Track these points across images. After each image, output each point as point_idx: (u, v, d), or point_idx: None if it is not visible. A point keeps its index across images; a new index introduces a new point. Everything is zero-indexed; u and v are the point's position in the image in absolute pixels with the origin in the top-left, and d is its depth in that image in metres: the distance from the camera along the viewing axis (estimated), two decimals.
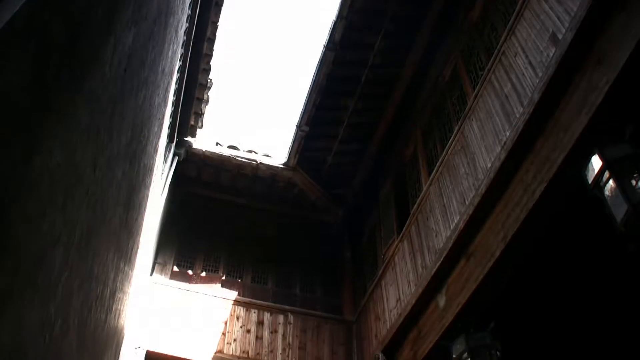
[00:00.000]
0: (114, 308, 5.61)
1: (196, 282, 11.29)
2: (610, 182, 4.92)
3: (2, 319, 2.35)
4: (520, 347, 8.12)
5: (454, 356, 7.24)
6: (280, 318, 11.12)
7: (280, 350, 10.67)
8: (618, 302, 8.19)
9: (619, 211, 4.76)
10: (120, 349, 7.11)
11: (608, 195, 4.93)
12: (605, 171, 4.97)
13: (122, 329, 6.99)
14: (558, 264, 7.68)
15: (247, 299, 11.22)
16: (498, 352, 7.02)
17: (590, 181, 5.14)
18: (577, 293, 8.07)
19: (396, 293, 9.57)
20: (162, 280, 10.95)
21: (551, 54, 6.03)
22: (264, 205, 12.76)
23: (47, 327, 3.14)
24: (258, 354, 10.51)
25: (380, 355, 9.36)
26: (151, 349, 9.59)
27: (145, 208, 7.07)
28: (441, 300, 8.03)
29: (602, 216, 5.00)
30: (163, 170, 9.83)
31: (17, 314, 2.55)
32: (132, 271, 6.68)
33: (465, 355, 7.05)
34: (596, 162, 5.08)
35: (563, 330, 8.65)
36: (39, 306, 2.90)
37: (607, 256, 7.32)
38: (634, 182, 4.78)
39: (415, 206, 9.52)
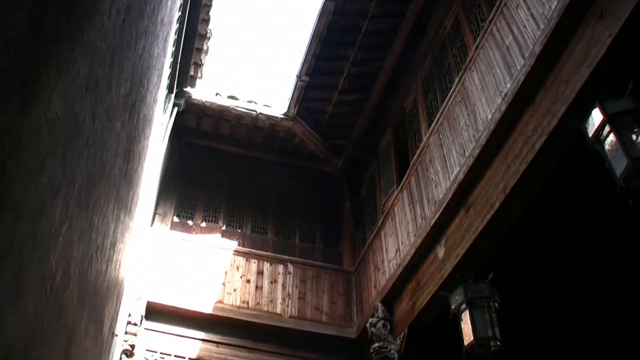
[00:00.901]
0: (114, 259, 5.63)
1: (196, 233, 11.34)
2: (611, 136, 4.91)
3: (3, 272, 2.36)
4: (518, 298, 8.19)
5: (453, 307, 7.29)
6: (280, 268, 11.19)
7: (280, 300, 10.75)
8: (616, 256, 8.24)
9: (619, 166, 4.76)
10: (121, 300, 7.15)
11: (608, 150, 4.92)
12: (605, 125, 4.96)
13: (123, 279, 7.02)
14: (557, 216, 7.71)
15: (246, 249, 11.28)
16: (496, 304, 7.06)
17: (590, 135, 5.13)
18: (576, 246, 8.11)
19: (395, 244, 9.62)
20: (162, 231, 10.99)
21: (553, 6, 5.97)
22: (264, 155, 12.74)
23: (48, 278, 3.15)
24: (258, 304, 10.59)
25: (379, 306, 9.43)
26: (152, 300, 9.65)
27: (145, 159, 7.06)
28: (440, 251, 8.07)
29: (602, 170, 5.00)
30: (162, 121, 9.80)
31: (18, 266, 2.55)
32: (132, 222, 6.69)
33: (463, 306, 7.10)
34: (597, 116, 5.06)
35: (561, 281, 8.71)
36: (39, 258, 2.90)
37: (605, 210, 7.35)
38: (634, 137, 4.77)
39: (415, 157, 9.51)
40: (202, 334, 10.07)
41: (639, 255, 8.06)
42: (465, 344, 6.96)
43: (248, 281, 10.81)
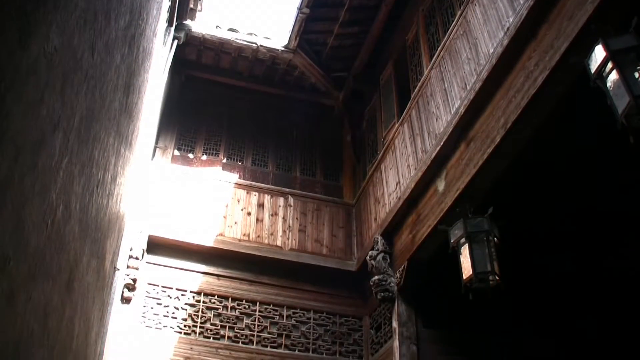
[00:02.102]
0: (115, 193, 5.64)
1: (197, 166, 11.35)
2: (613, 73, 4.88)
3: (3, 207, 2.37)
4: (518, 233, 8.23)
5: (452, 241, 7.35)
6: (281, 201, 11.24)
7: (280, 233, 10.82)
8: (616, 191, 8.26)
9: (621, 103, 4.74)
10: (122, 234, 7.19)
11: (610, 87, 4.90)
12: (608, 62, 4.93)
13: (124, 214, 7.04)
14: (558, 152, 7.71)
15: (247, 182, 11.31)
16: (496, 238, 7.12)
17: (592, 71, 5.10)
18: (576, 182, 8.13)
19: (396, 177, 9.64)
20: (163, 164, 11.00)
21: None
22: (265, 88, 12.66)
23: (49, 213, 3.15)
24: (259, 236, 10.67)
25: (379, 239, 9.50)
26: (153, 234, 9.71)
27: (145, 92, 7.02)
28: (440, 185, 8.10)
29: (604, 107, 4.99)
30: (162, 54, 9.70)
31: (18, 201, 2.56)
32: (132, 156, 6.68)
33: (463, 240, 7.16)
34: (599, 53, 5.03)
35: (560, 217, 8.76)
36: (40, 193, 2.91)
37: (606, 148, 7.34)
38: (637, 74, 4.74)
39: (416, 90, 9.47)
40: (203, 267, 10.18)
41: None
42: (464, 277, 7.04)
43: (249, 214, 10.87)
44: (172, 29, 10.64)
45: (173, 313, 9.72)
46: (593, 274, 9.57)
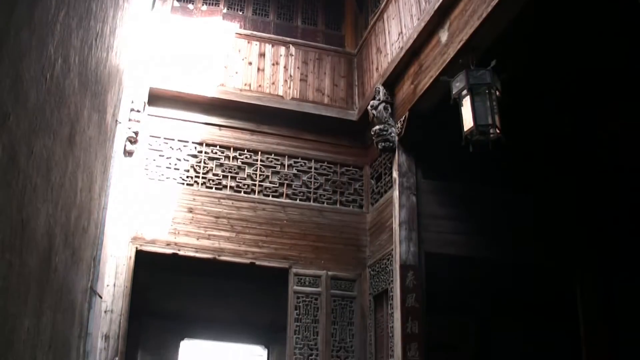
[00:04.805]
0: (115, 46, 5.57)
1: (197, 16, 11.14)
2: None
3: (0, 61, 2.35)
4: (518, 87, 8.18)
5: (454, 92, 7.31)
6: (282, 50, 11.12)
7: (281, 82, 10.78)
8: (620, 51, 8.17)
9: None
10: (123, 87, 7.16)
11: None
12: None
13: (124, 67, 6.99)
14: (562, 10, 7.58)
15: (248, 32, 11.14)
16: (497, 92, 7.07)
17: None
18: (580, 41, 8.05)
19: (398, 26, 9.49)
20: (163, 15, 10.77)
21: None
22: None
23: (47, 67, 3.14)
24: (260, 86, 10.62)
25: (381, 89, 9.46)
26: (154, 86, 9.66)
27: None
28: (443, 36, 8.00)
29: None
30: None
31: (15, 55, 2.54)
32: (131, 7, 6.58)
33: (465, 92, 7.12)
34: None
35: (562, 73, 8.70)
36: (37, 46, 2.88)
37: (612, 6, 7.23)
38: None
39: None
40: (204, 118, 10.22)
41: None
42: (465, 129, 7.04)
43: (250, 64, 10.78)
44: None
45: (175, 164, 9.84)
46: (590, 137, 9.66)
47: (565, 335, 10.39)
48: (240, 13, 11.51)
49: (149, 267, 10.09)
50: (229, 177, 10.05)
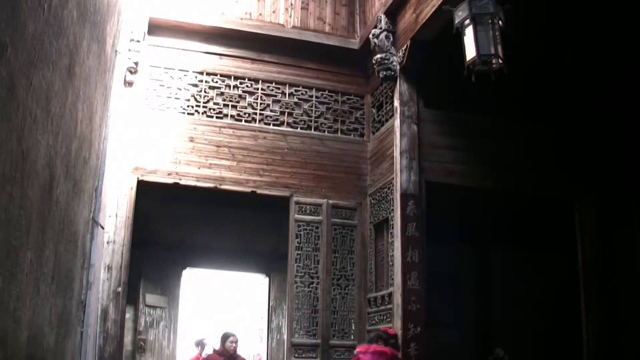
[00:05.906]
0: None
1: None
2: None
3: None
4: (523, 19, 8.09)
5: (456, 22, 7.23)
6: None
7: (282, 11, 10.65)
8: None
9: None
10: (122, 17, 7.08)
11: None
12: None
13: None
14: None
15: None
16: (500, 22, 7.00)
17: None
18: None
19: None
20: None
21: None
22: None
23: None
24: (260, 14, 10.50)
25: (383, 17, 9.37)
26: (153, 16, 9.52)
27: None
28: None
29: None
30: None
31: None
32: None
33: (467, 21, 7.04)
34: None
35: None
36: None
37: None
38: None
39: None
40: (205, 47, 10.13)
41: None
42: (467, 59, 7.00)
43: None
44: None
45: (176, 94, 9.80)
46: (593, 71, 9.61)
47: (565, 263, 10.55)
48: None
49: (151, 197, 10.16)
50: (230, 106, 10.02)
